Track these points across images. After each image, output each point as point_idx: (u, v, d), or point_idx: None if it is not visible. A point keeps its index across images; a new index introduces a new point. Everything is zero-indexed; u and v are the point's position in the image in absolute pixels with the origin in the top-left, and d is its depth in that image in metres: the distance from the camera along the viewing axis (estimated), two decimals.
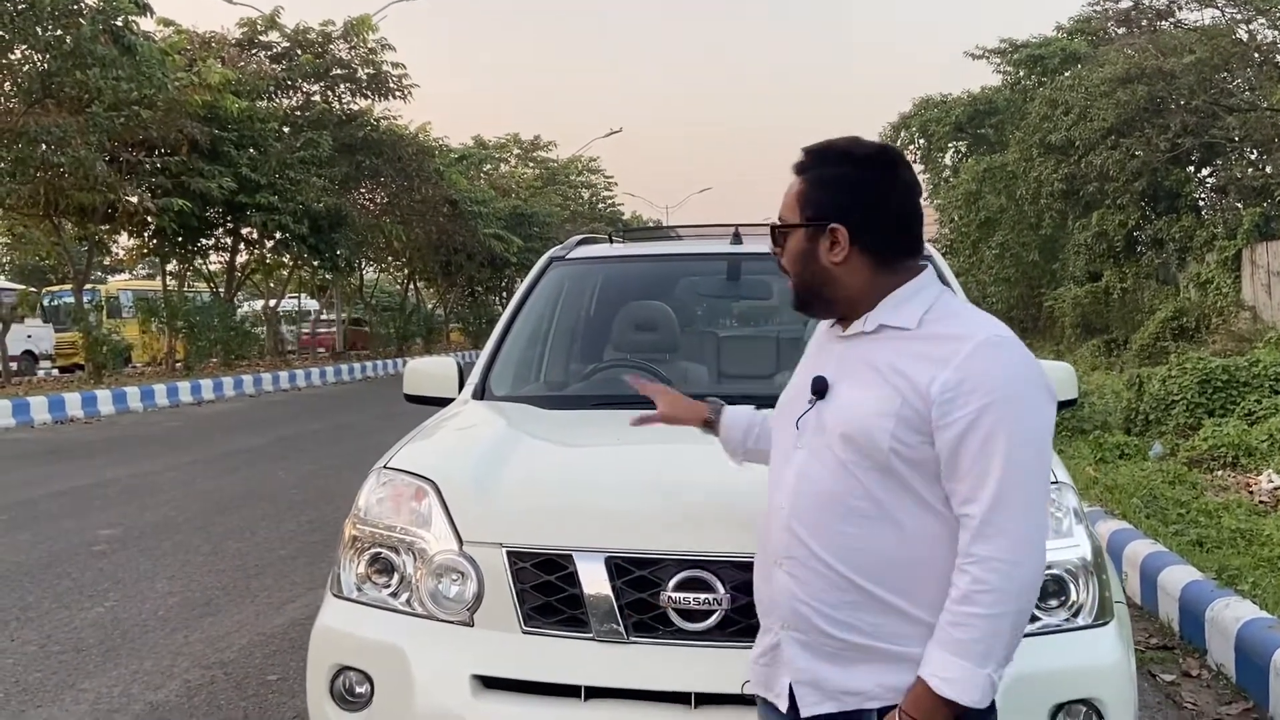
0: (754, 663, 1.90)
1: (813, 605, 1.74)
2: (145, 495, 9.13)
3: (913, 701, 1.67)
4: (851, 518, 1.72)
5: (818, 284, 1.83)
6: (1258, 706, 4.11)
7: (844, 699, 1.74)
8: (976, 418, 1.65)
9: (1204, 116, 20.03)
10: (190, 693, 4.43)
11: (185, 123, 20.09)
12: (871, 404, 1.71)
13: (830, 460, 1.74)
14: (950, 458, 1.67)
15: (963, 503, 1.67)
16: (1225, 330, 16.90)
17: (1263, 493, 7.36)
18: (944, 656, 1.64)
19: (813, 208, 1.81)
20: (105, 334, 22.27)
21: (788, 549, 1.77)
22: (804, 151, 1.86)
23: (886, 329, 1.77)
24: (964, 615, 1.63)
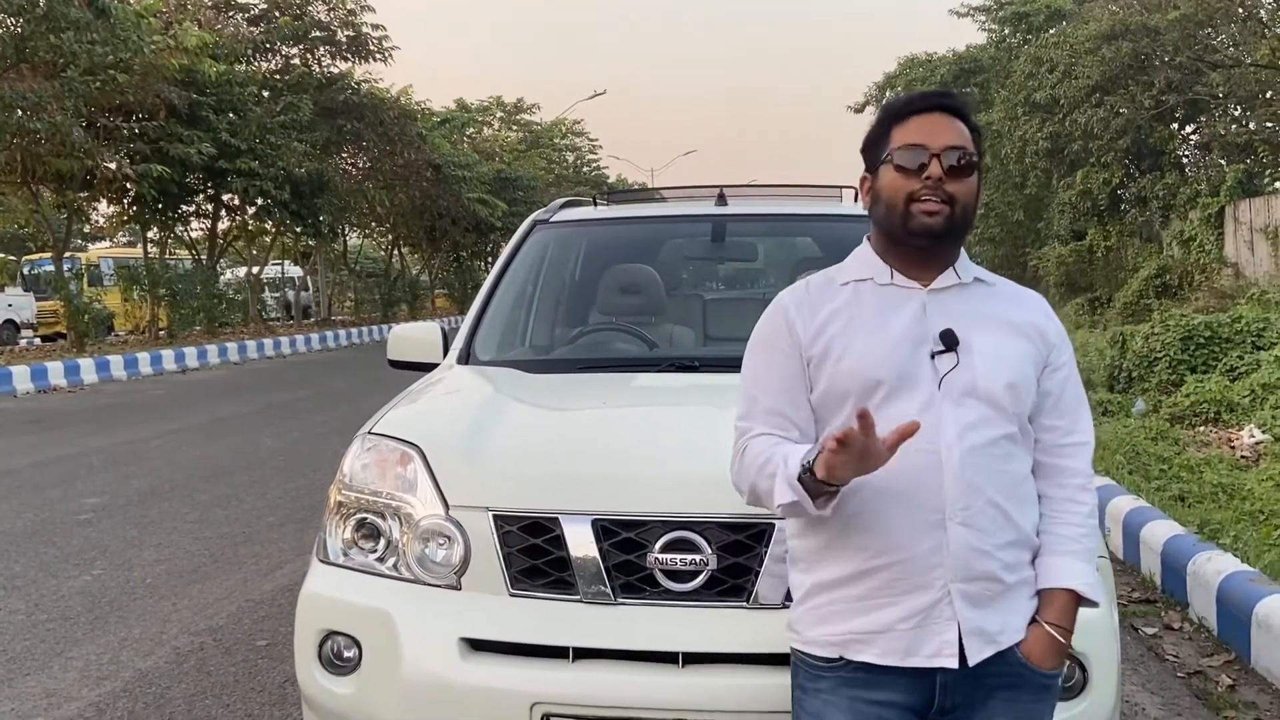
0: (881, 632, 1.79)
1: (990, 551, 1.79)
2: (131, 464, 9.11)
3: (1060, 612, 1.84)
4: (1007, 458, 1.82)
5: (971, 222, 1.90)
6: (1239, 658, 4.17)
7: (999, 639, 1.81)
8: (1071, 362, 1.93)
9: (1188, 73, 19.99)
10: (179, 659, 4.44)
11: (162, 87, 19.87)
12: (1021, 352, 1.85)
13: (984, 409, 1.80)
14: (1059, 396, 1.89)
15: (1067, 433, 1.89)
16: (1208, 287, 16.96)
17: (1244, 448, 7.42)
18: (1083, 566, 1.85)
19: (977, 150, 1.88)
20: (87, 302, 22.13)
21: (963, 499, 1.76)
22: (949, 94, 1.94)
23: (979, 283, 1.92)
24: (1092, 527, 1.89)
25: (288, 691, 3.99)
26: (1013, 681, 1.82)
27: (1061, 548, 1.85)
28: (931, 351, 1.81)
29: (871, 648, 1.80)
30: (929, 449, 1.76)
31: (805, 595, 1.89)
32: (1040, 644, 1.83)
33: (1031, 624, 1.83)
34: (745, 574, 2.35)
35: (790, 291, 1.97)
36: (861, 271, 1.92)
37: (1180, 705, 3.82)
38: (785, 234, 4.77)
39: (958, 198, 1.82)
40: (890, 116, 1.89)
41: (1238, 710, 3.75)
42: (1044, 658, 1.83)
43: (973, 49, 33.43)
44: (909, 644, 1.78)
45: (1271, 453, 7.09)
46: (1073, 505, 1.87)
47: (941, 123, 1.84)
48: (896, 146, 1.84)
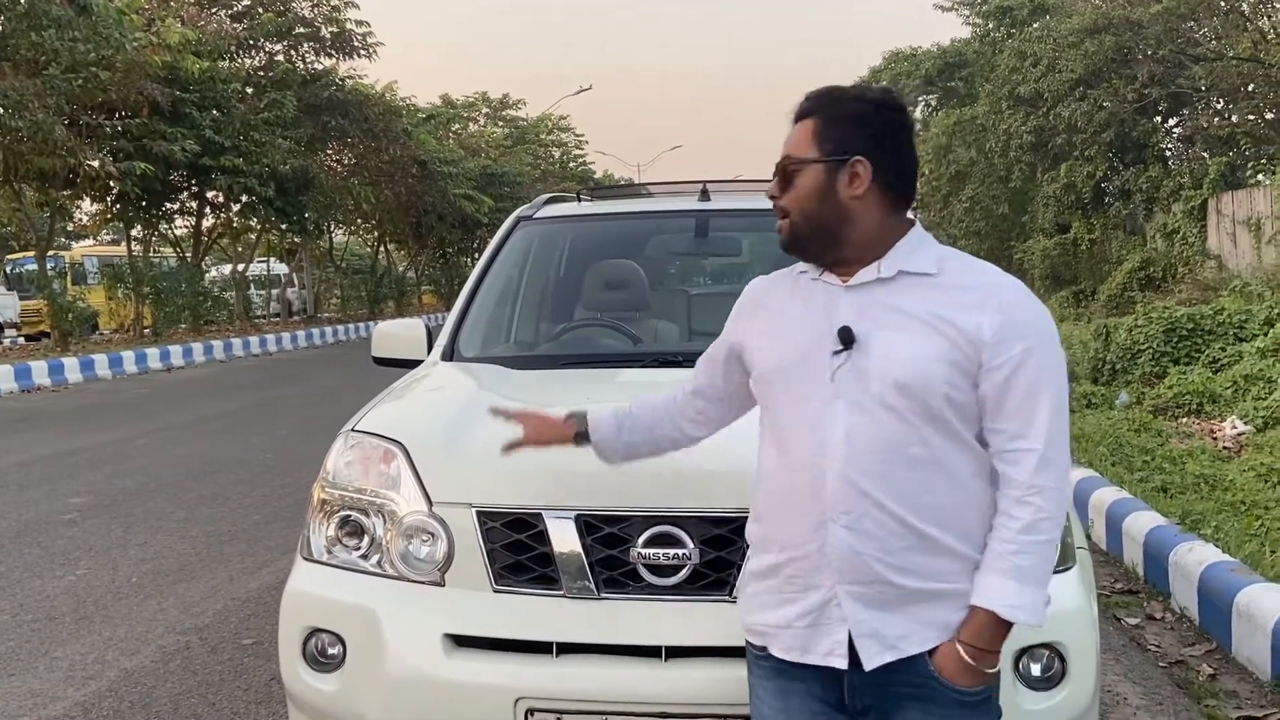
0: (784, 627, 1.84)
1: (876, 556, 1.75)
2: (115, 463, 9.07)
3: (974, 632, 1.76)
4: (908, 464, 1.75)
5: (832, 221, 1.82)
6: (1220, 648, 4.21)
7: (902, 645, 1.77)
8: (1022, 360, 1.75)
9: (1171, 66, 20.08)
10: (165, 658, 4.43)
11: (145, 84, 19.75)
12: (924, 350, 1.75)
13: (879, 409, 1.75)
14: (998, 398, 1.76)
15: (1012, 439, 1.76)
16: (1191, 279, 17.07)
17: (1226, 439, 7.48)
18: (1006, 584, 1.73)
19: (832, 143, 1.82)
20: (71, 301, 22.00)
21: (845, 502, 1.75)
22: (809, 95, 1.88)
23: (907, 275, 1.82)
24: (1028, 543, 1.74)
25: (274, 690, 3.99)
26: (925, 693, 1.78)
27: (989, 563, 1.76)
28: (832, 349, 1.80)
29: (776, 642, 1.86)
30: (815, 450, 1.78)
31: (744, 581, 1.99)
32: (948, 660, 1.77)
33: (951, 638, 1.77)
34: (728, 568, 2.36)
35: (763, 278, 2.07)
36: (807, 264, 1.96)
37: (1162, 695, 3.85)
38: (769, 229, 4.73)
39: (790, 208, 1.85)
40: None
41: (1218, 699, 3.79)
42: (953, 675, 1.77)
43: (957, 43, 33.53)
44: (805, 641, 1.82)
45: (1253, 444, 7.15)
46: (1006, 519, 1.76)
47: (790, 134, 1.87)
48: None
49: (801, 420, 1.81)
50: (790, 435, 1.83)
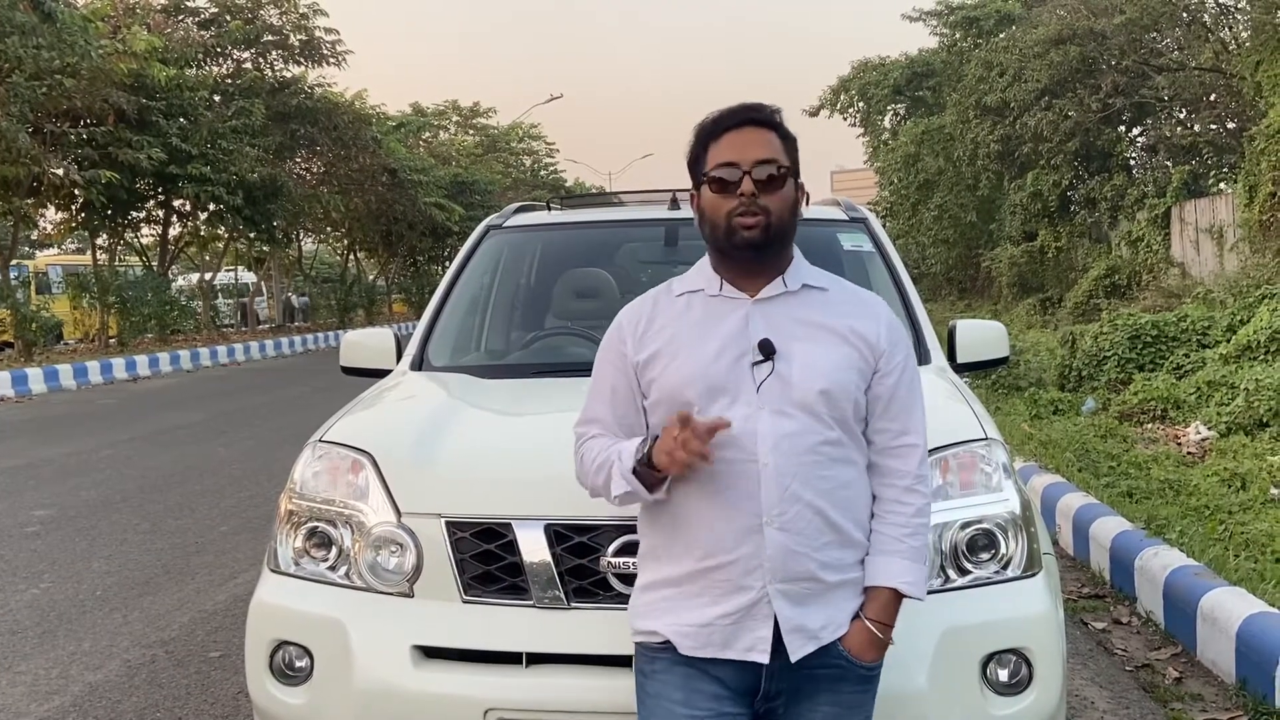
0: (702, 626, 1.89)
1: (807, 553, 1.87)
2: (80, 474, 8.96)
3: (879, 609, 1.93)
4: (826, 464, 1.89)
5: (791, 233, 1.96)
6: (1185, 651, 4.25)
7: (821, 635, 1.90)
8: (905, 365, 1.98)
9: (1134, 76, 20.36)
10: (131, 672, 4.38)
11: (111, 92, 19.56)
12: (840, 359, 1.92)
13: (801, 416, 1.87)
14: (889, 399, 1.96)
15: (898, 435, 1.96)
16: (1155, 287, 17.27)
17: (1190, 444, 7.57)
18: (904, 564, 1.93)
19: (791, 161, 1.95)
20: (34, 310, 21.72)
21: (779, 505, 1.85)
22: (765, 109, 1.97)
23: (809, 289, 1.98)
24: (919, 526, 1.95)
25: (241, 703, 3.95)
26: (836, 674, 1.93)
27: (885, 547, 1.94)
28: (752, 361, 1.89)
29: (688, 640, 1.90)
30: (747, 457, 1.86)
31: (643, 589, 2.00)
32: (860, 638, 1.92)
33: (855, 619, 1.93)
34: None
35: (630, 307, 2.09)
36: (696, 283, 2.02)
37: (1129, 698, 3.88)
38: None
39: (772, 209, 1.90)
40: (705, 135, 1.97)
41: (1184, 702, 3.83)
42: (863, 650, 1.93)
43: (925, 53, 33.80)
44: (726, 638, 1.89)
45: (1217, 449, 7.24)
46: (898, 506, 1.95)
47: (752, 137, 1.92)
48: (711, 166, 1.93)
49: (727, 431, 1.84)
50: (716, 448, 1.83)
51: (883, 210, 30.76)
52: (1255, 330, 9.11)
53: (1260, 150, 14.47)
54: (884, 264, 3.82)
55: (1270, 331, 8.90)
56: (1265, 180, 14.24)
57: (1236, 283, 13.11)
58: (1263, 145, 14.40)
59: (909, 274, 3.85)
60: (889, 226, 26.72)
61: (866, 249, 3.91)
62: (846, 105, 36.12)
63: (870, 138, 37.08)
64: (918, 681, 2.29)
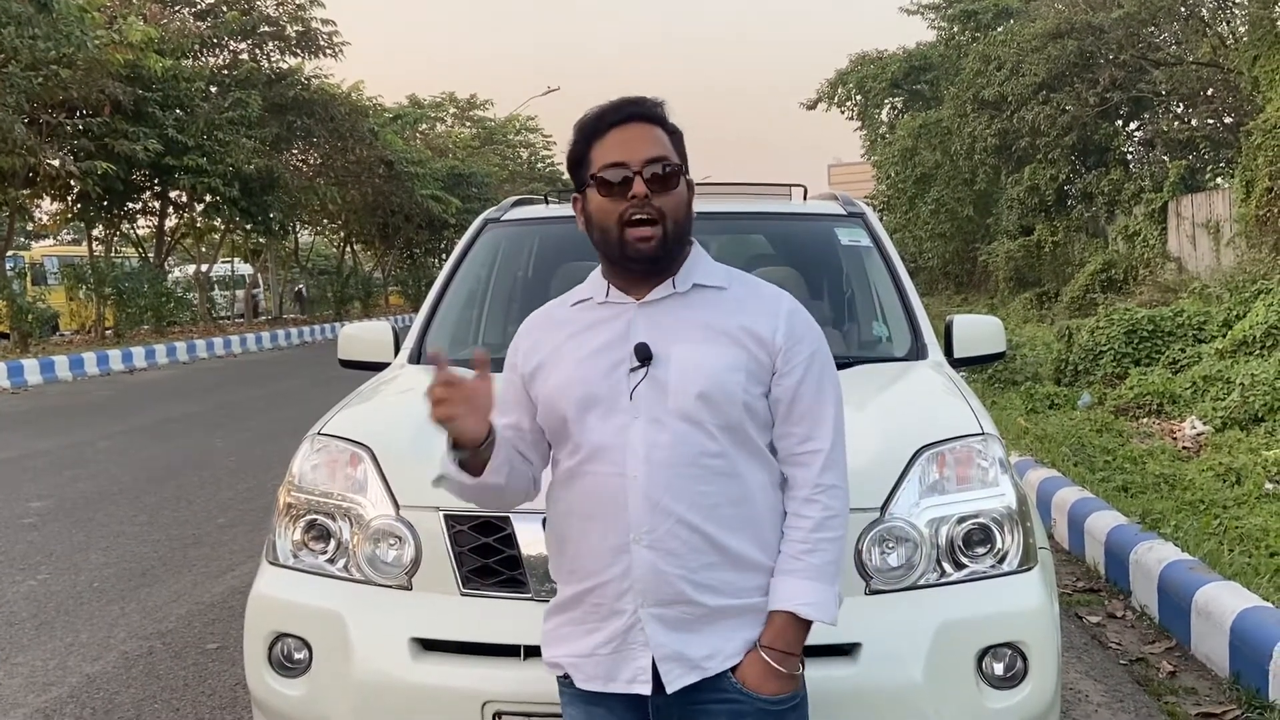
0: (587, 656, 1.79)
1: (680, 574, 1.72)
2: (77, 466, 8.95)
3: (775, 635, 1.75)
4: (708, 477, 1.74)
5: (687, 232, 1.82)
6: (1179, 645, 4.27)
7: (705, 665, 1.74)
8: (809, 364, 1.80)
9: (1132, 71, 20.38)
10: (128, 663, 4.38)
11: (107, 83, 19.49)
12: (722, 360, 1.76)
13: (678, 424, 1.73)
14: (790, 402, 1.79)
15: (802, 441, 1.80)
16: (1152, 281, 17.30)
17: (1185, 439, 7.59)
18: (801, 584, 1.75)
19: (679, 156, 1.81)
20: (30, 302, 21.69)
21: (649, 522, 1.72)
22: (645, 102, 1.82)
23: (701, 288, 1.83)
24: (819, 541, 1.76)
25: (238, 695, 3.96)
26: (733, 708, 1.75)
27: (783, 566, 1.77)
28: (629, 368, 1.76)
29: (578, 672, 1.80)
30: (616, 471, 1.74)
31: (547, 615, 1.90)
32: (752, 669, 1.74)
33: (752, 648, 1.75)
34: None
35: (534, 315, 1.97)
36: (586, 292, 1.89)
37: (1122, 692, 3.90)
38: (736, 231, 4.79)
39: (667, 212, 1.76)
40: (588, 133, 1.81)
41: (1178, 696, 3.84)
42: (758, 683, 1.74)
43: (923, 46, 33.79)
44: (608, 669, 1.77)
45: (1212, 444, 7.26)
46: (797, 520, 1.78)
47: (639, 133, 1.78)
48: (598, 167, 1.78)
49: (599, 444, 1.76)
50: (588, 461, 1.77)
51: (880, 204, 30.78)
52: (1251, 325, 9.13)
53: (1257, 145, 14.48)
54: (881, 258, 3.83)
55: (1266, 327, 8.92)
56: (1262, 175, 14.26)
57: (1233, 278, 13.13)
58: (1260, 140, 14.41)
59: (906, 268, 3.85)
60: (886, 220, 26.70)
61: (864, 243, 3.92)
62: (844, 99, 36.11)
63: (867, 131, 37.09)
64: (913, 675, 2.30)
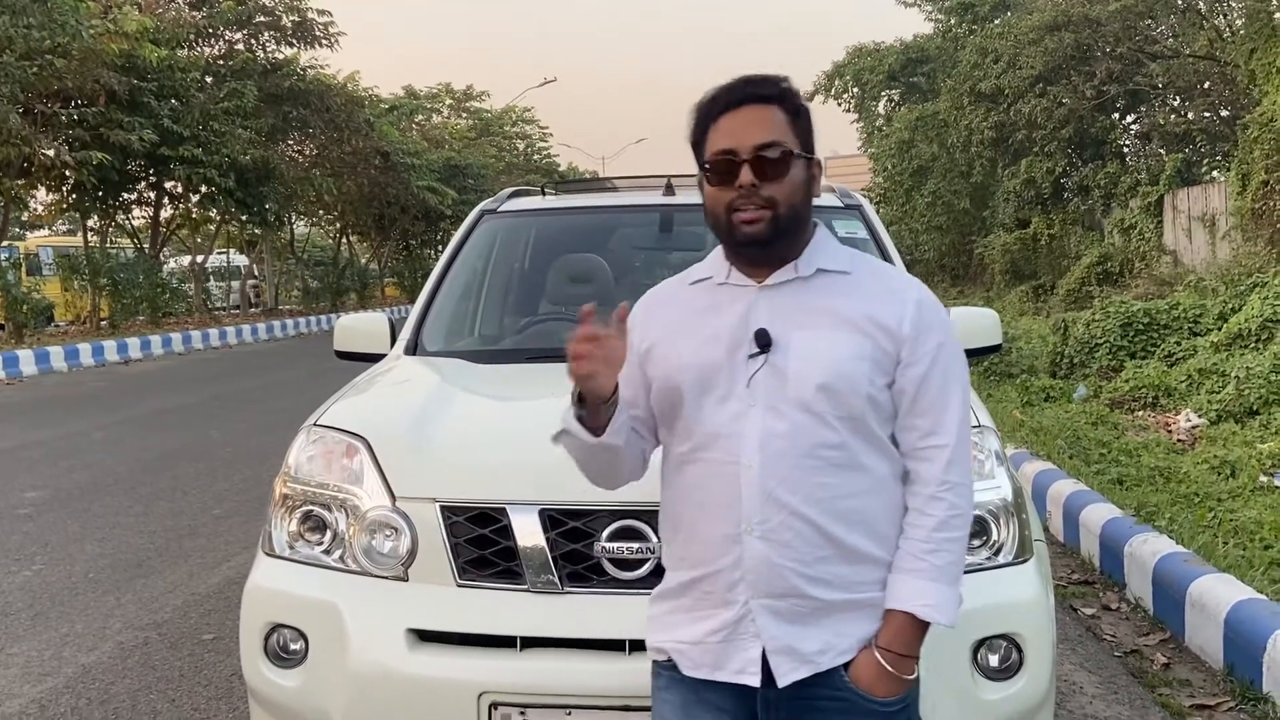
0: (695, 644, 1.76)
1: (793, 567, 1.69)
2: (72, 456, 8.94)
3: (893, 636, 1.71)
4: (825, 469, 1.69)
5: (805, 218, 1.77)
6: (1174, 637, 4.29)
7: (818, 660, 1.71)
8: (937, 354, 1.74)
9: (1128, 64, 20.36)
10: (124, 654, 4.39)
11: (102, 72, 19.42)
12: (846, 349, 1.70)
13: (796, 414, 1.69)
14: (915, 394, 1.73)
15: (925, 435, 1.74)
16: (1147, 274, 17.30)
17: (1181, 431, 7.60)
18: (924, 585, 1.70)
19: (800, 137, 1.75)
20: (25, 292, 21.62)
21: (761, 513, 1.68)
22: (767, 80, 1.76)
23: (824, 273, 1.78)
24: (942, 541, 1.71)
25: (234, 685, 3.96)
26: (843, 706, 1.72)
27: (904, 564, 1.72)
28: (748, 353, 1.72)
29: (685, 659, 1.78)
30: (729, 460, 1.71)
31: (653, 600, 1.88)
32: (866, 669, 1.71)
33: (867, 646, 1.72)
34: None
35: (653, 290, 1.94)
36: (706, 270, 1.85)
37: (1117, 684, 3.91)
38: None
39: (779, 199, 1.70)
40: (703, 117, 1.77)
41: (1172, 688, 3.86)
42: (870, 683, 1.71)
43: (920, 39, 33.74)
44: (716, 658, 1.74)
45: (1206, 436, 7.27)
46: (920, 517, 1.73)
47: (752, 118, 1.71)
48: (708, 156, 1.74)
49: (714, 430, 1.73)
50: (703, 446, 1.74)
51: (876, 196, 30.75)
52: (1246, 318, 9.14)
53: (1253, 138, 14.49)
54: (878, 251, 3.82)
55: (1261, 320, 8.93)
56: (1258, 169, 14.27)
57: (1228, 271, 13.15)
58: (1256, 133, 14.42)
59: (903, 260, 3.85)
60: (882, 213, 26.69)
61: (861, 236, 3.92)
62: (841, 91, 36.03)
63: (864, 124, 37.04)
64: None
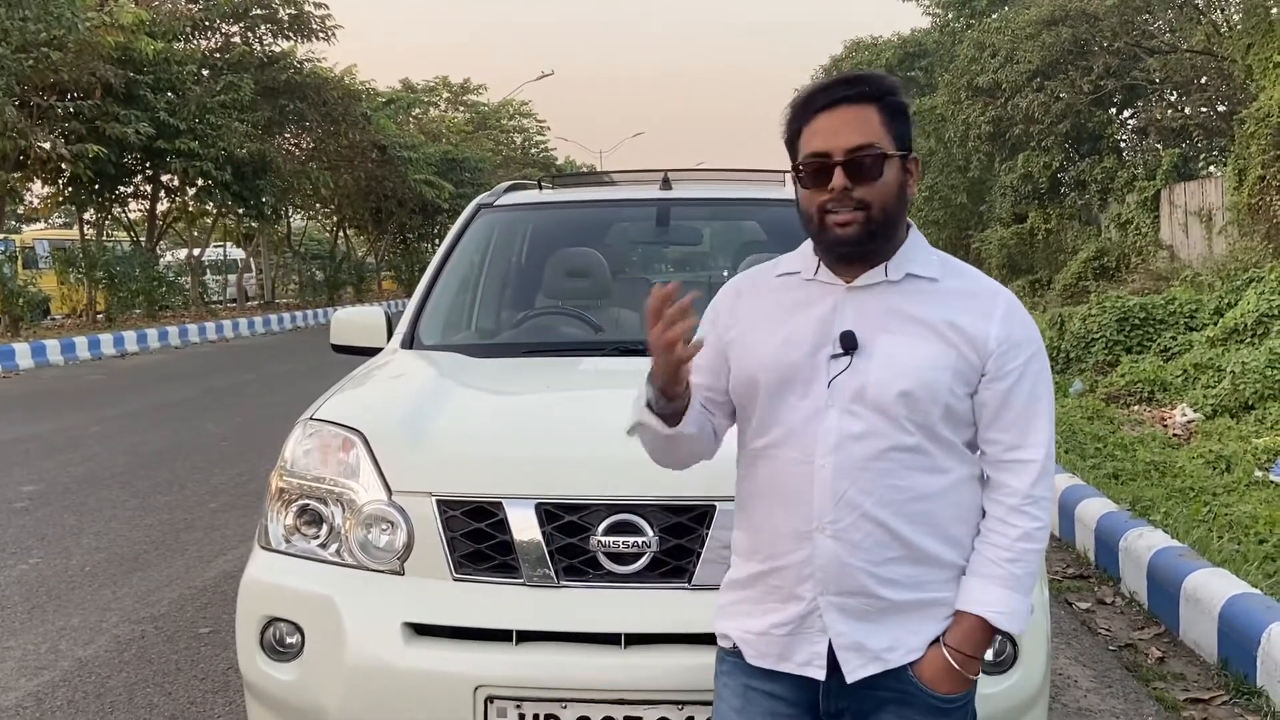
0: (761, 634, 1.80)
1: (863, 566, 1.71)
2: (68, 450, 8.94)
3: (963, 637, 1.74)
4: (899, 471, 1.71)
5: (899, 219, 1.76)
6: (1168, 631, 4.30)
7: (886, 657, 1.74)
8: (1025, 369, 1.74)
9: (1126, 58, 20.36)
10: (120, 647, 4.39)
11: (98, 65, 19.38)
12: (930, 358, 1.71)
13: (873, 417, 1.70)
14: (1000, 407, 1.74)
15: (1009, 449, 1.75)
16: (1144, 269, 17.31)
17: (1176, 426, 7.62)
18: (1000, 592, 1.73)
19: (897, 137, 1.73)
20: (21, 285, 21.59)
21: (833, 513, 1.70)
22: (865, 79, 1.75)
23: (913, 278, 1.77)
24: (1024, 551, 1.74)
25: (231, 679, 3.97)
26: (904, 698, 1.75)
27: (981, 570, 1.75)
28: (831, 354, 1.73)
29: (750, 649, 1.81)
30: (804, 458, 1.72)
31: (723, 588, 1.92)
32: (933, 665, 1.74)
33: (934, 643, 1.75)
34: (687, 555, 2.38)
35: (739, 277, 1.95)
36: (795, 264, 1.85)
37: (1111, 678, 3.93)
38: (730, 218, 4.80)
39: (871, 201, 1.69)
40: (797, 115, 1.76)
41: (1167, 681, 3.87)
42: (935, 680, 1.74)
43: (917, 33, 33.70)
44: (783, 649, 1.78)
45: (1202, 431, 7.29)
46: (1002, 526, 1.75)
47: (846, 119, 1.70)
48: (801, 157, 1.74)
49: (789, 428, 1.75)
50: (778, 443, 1.76)
51: None
52: (1242, 313, 9.16)
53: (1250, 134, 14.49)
54: None
55: (1257, 315, 8.95)
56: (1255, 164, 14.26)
57: (1224, 266, 13.15)
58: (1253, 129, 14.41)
59: None
60: None
61: None
62: None
63: None
64: None
